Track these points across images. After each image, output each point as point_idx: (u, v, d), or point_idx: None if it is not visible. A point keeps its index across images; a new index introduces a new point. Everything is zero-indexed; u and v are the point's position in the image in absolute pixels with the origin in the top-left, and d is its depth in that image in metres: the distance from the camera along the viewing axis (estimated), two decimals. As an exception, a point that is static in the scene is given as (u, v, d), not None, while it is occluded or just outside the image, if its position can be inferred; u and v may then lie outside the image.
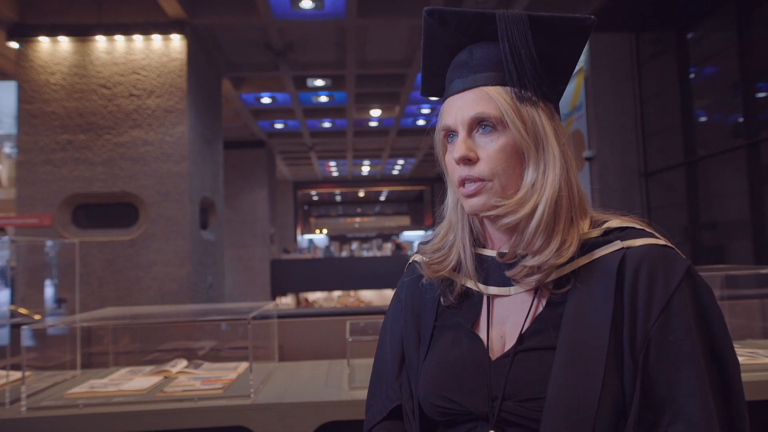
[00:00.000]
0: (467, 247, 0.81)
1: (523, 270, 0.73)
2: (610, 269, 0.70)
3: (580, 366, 0.67)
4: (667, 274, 0.68)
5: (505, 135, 0.73)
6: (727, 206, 5.88)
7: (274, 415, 1.53)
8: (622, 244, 0.71)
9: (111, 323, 2.25)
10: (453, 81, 0.79)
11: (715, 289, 2.21)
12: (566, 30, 0.75)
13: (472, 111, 0.74)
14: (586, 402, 0.66)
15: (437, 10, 0.77)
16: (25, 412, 1.53)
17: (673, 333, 0.66)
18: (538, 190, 0.72)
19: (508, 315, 0.77)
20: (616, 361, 0.68)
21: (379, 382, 0.88)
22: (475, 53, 0.77)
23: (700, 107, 6.36)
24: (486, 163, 0.74)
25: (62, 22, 6.77)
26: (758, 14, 5.34)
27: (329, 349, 2.30)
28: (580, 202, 0.76)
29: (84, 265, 6.40)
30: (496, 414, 0.71)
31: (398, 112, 11.53)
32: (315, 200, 27.40)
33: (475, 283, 0.79)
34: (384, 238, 24.73)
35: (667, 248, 0.71)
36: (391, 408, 0.84)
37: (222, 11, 7.02)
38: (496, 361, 0.74)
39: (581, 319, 0.70)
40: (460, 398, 0.74)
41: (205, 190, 7.64)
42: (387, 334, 0.91)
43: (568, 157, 0.75)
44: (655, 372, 0.66)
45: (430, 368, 0.79)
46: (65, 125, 6.69)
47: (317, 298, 17.59)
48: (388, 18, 7.10)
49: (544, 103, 0.75)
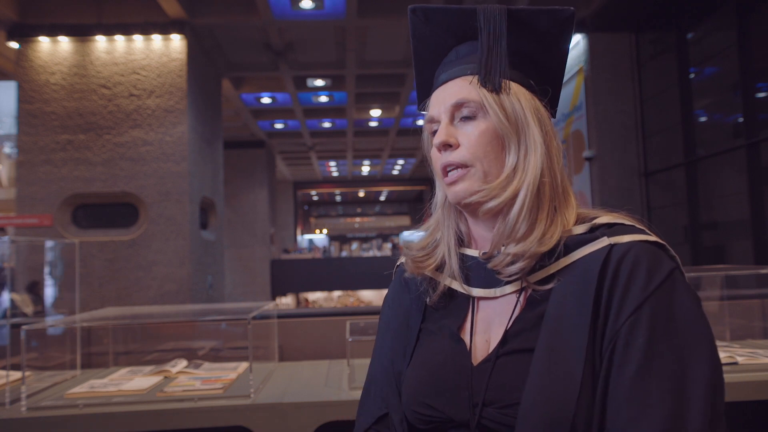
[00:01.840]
0: (452, 247, 0.80)
1: (505, 258, 0.71)
2: (594, 266, 0.67)
3: (557, 368, 0.64)
4: (649, 273, 0.64)
5: (485, 121, 0.74)
6: (727, 206, 5.88)
7: (274, 415, 1.53)
8: (608, 241, 0.68)
9: (111, 323, 2.25)
10: (438, 76, 0.81)
11: (715, 289, 2.22)
12: (546, 22, 0.76)
13: (453, 98, 0.76)
14: (562, 406, 0.62)
15: (420, 8, 0.78)
16: (25, 412, 1.53)
17: (643, 336, 0.62)
18: (519, 173, 0.72)
19: (494, 318, 0.75)
20: (594, 361, 0.65)
21: (369, 390, 0.87)
22: (461, 51, 0.79)
23: (700, 107, 6.36)
24: (467, 149, 0.74)
25: (62, 22, 6.77)
26: (758, 14, 5.34)
27: (329, 349, 2.30)
28: (564, 192, 0.75)
29: (84, 265, 6.40)
30: (476, 421, 0.68)
31: (398, 112, 11.53)
32: (315, 200, 27.40)
33: (460, 284, 0.78)
34: (384, 238, 24.74)
35: (655, 246, 0.68)
36: (378, 416, 0.82)
37: (222, 11, 7.02)
38: (479, 366, 0.72)
39: (561, 318, 0.67)
40: (441, 405, 0.72)
41: (205, 190, 7.64)
42: (378, 342, 0.90)
43: (552, 146, 0.74)
44: (616, 374, 0.62)
45: (413, 374, 0.78)
46: (65, 125, 6.69)
47: (317, 298, 17.60)
48: (388, 18, 7.10)
49: (525, 92, 0.76)
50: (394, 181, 22.42)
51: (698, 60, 6.28)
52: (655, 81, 6.90)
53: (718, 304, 2.22)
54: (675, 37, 6.52)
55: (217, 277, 8.20)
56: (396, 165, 19.55)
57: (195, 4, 6.90)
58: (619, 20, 6.95)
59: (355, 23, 7.19)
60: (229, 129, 11.44)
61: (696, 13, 6.22)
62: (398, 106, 11.15)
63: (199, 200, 7.35)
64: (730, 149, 5.71)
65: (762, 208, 5.25)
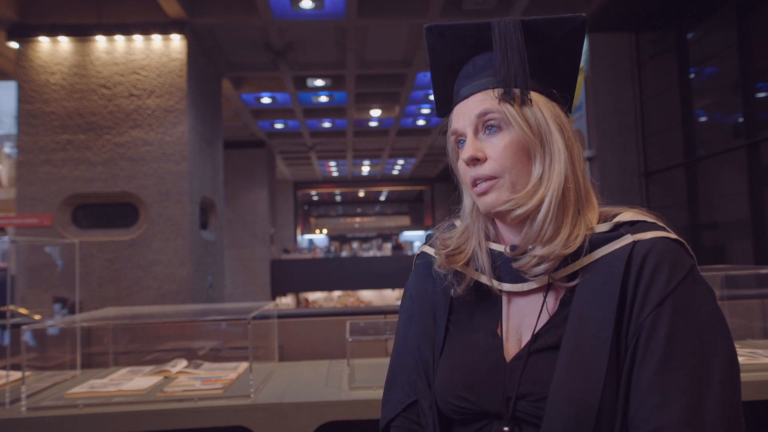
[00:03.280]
0: (482, 242, 0.83)
1: (531, 260, 0.74)
2: (618, 263, 0.70)
3: (582, 362, 0.68)
4: (672, 269, 0.68)
5: (510, 133, 0.76)
6: (727, 206, 5.88)
7: (274, 415, 1.53)
8: (632, 238, 0.71)
9: (111, 323, 2.25)
10: (459, 91, 0.83)
11: (715, 289, 2.22)
12: (560, 30, 0.79)
13: (476, 110, 0.78)
14: (587, 399, 0.65)
15: (436, 27, 0.82)
16: (25, 412, 1.53)
17: (665, 329, 0.65)
18: (545, 182, 0.75)
19: (524, 315, 0.78)
20: (618, 355, 0.68)
21: (395, 377, 0.89)
22: (478, 63, 0.81)
23: (700, 107, 6.36)
24: (495, 161, 0.77)
25: (62, 22, 6.77)
26: (758, 14, 5.34)
27: (329, 349, 2.30)
28: (587, 195, 0.78)
29: (84, 265, 6.40)
30: (510, 413, 0.72)
31: (398, 112, 11.53)
32: (315, 200, 27.39)
33: (489, 279, 0.81)
34: (384, 238, 24.74)
35: (678, 243, 0.72)
36: (407, 403, 0.86)
37: (222, 11, 7.02)
38: (512, 362, 0.75)
39: (586, 314, 0.70)
40: (475, 398, 0.76)
41: (205, 190, 7.64)
42: (401, 330, 0.92)
43: (574, 151, 0.78)
44: (639, 366, 0.66)
45: (448, 367, 0.80)
46: (65, 125, 6.69)
47: (317, 298, 17.60)
48: (388, 18, 7.11)
49: (546, 101, 0.78)
50: (394, 181, 22.42)
51: (698, 60, 6.28)
52: (655, 81, 6.90)
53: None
54: (675, 37, 6.52)
55: (217, 277, 8.20)
56: (396, 165, 19.55)
57: (195, 4, 6.90)
58: (619, 20, 6.95)
59: (355, 23, 7.19)
60: (229, 129, 11.44)
61: (696, 13, 6.22)
62: (398, 106, 11.15)
63: (199, 200, 7.35)
64: (730, 149, 5.71)
65: (762, 208, 5.25)
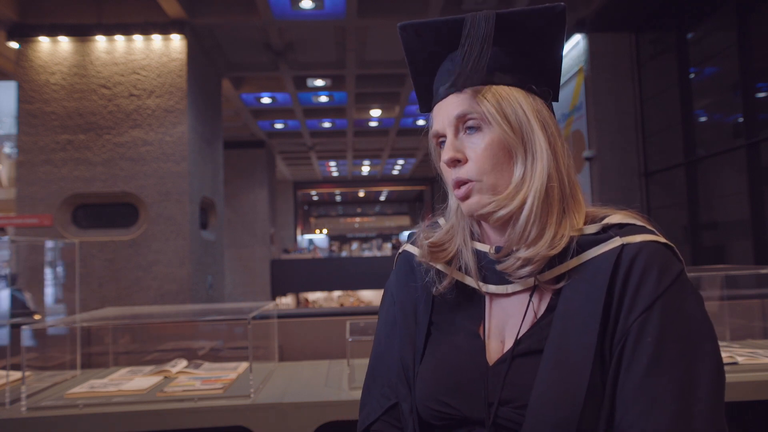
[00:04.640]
0: (468, 242, 0.81)
1: (516, 262, 0.72)
2: (605, 266, 0.68)
3: (565, 367, 0.66)
4: (661, 273, 0.66)
5: (490, 132, 0.74)
6: (727, 206, 5.88)
7: (274, 415, 1.53)
8: (621, 241, 0.69)
9: (111, 323, 2.25)
10: (438, 89, 0.80)
11: (715, 289, 2.22)
12: (538, 22, 0.75)
13: (456, 111, 0.76)
14: (569, 404, 0.64)
15: (410, 25, 0.79)
16: (25, 412, 1.53)
17: (653, 334, 0.64)
18: (527, 182, 0.73)
19: (508, 316, 0.76)
20: (603, 360, 0.66)
21: (374, 380, 0.87)
22: (456, 59, 0.77)
23: (700, 107, 6.36)
24: (474, 163, 0.74)
25: (62, 22, 6.76)
26: (758, 14, 5.34)
27: (329, 349, 2.30)
28: (573, 192, 0.75)
29: (84, 265, 6.40)
30: (492, 419, 0.70)
31: (398, 112, 11.53)
32: (315, 200, 27.39)
33: (474, 280, 0.79)
34: (384, 238, 24.73)
35: (667, 247, 0.69)
36: (387, 406, 0.83)
37: (222, 11, 7.02)
38: (494, 366, 0.73)
39: (570, 317, 0.68)
40: (457, 403, 0.73)
41: (205, 190, 7.64)
42: (381, 330, 0.89)
43: (558, 148, 0.75)
44: (626, 371, 0.64)
45: (429, 371, 0.78)
46: (65, 125, 6.69)
47: (317, 298, 17.60)
48: (388, 18, 7.10)
49: (526, 96, 0.75)
50: (394, 181, 22.41)
51: (698, 60, 6.28)
52: (655, 81, 6.90)
53: (718, 304, 2.22)
54: (675, 37, 6.52)
55: (217, 277, 8.19)
56: (396, 165, 19.54)
57: (195, 4, 6.90)
58: (619, 20, 6.95)
59: (355, 23, 7.18)
60: (229, 129, 11.44)
61: (696, 13, 6.21)
62: (398, 106, 11.15)
63: (199, 200, 7.35)
64: (730, 149, 5.71)
65: (762, 208, 5.25)
